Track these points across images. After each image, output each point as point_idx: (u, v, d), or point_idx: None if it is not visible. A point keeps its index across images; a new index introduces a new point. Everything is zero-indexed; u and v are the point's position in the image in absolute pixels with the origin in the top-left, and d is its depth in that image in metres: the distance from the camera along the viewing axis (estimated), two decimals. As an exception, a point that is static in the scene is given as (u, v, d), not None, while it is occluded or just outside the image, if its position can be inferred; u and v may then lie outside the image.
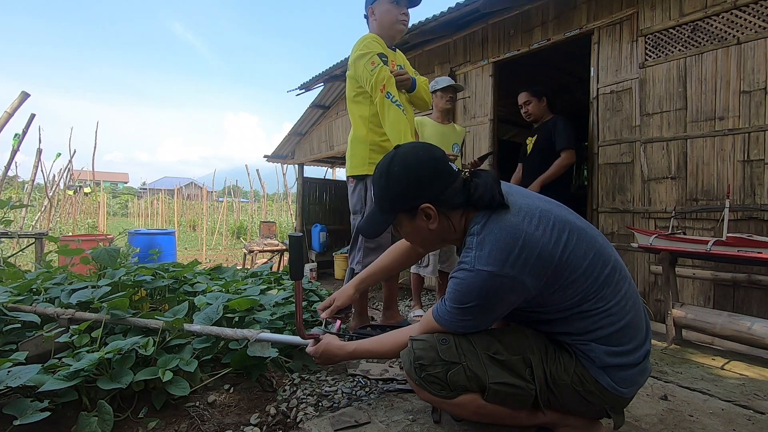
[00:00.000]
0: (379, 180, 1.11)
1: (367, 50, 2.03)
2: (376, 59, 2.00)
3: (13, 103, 4.51)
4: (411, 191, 1.06)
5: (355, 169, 2.15)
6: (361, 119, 2.13)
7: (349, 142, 2.21)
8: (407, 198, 1.07)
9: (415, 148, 1.11)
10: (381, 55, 2.02)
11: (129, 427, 1.26)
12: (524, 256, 0.97)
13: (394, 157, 1.09)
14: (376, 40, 2.08)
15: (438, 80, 3.06)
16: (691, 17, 2.55)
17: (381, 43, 2.10)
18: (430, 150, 1.11)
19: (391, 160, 1.09)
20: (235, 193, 16.49)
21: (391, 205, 1.11)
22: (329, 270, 6.49)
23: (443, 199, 1.06)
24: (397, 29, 2.15)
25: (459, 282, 1.01)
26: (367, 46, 2.04)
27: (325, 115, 6.57)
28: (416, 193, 1.06)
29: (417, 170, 1.06)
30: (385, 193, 1.11)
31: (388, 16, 2.12)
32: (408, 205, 1.08)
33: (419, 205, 1.06)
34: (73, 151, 10.55)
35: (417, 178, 1.06)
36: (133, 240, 4.90)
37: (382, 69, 1.98)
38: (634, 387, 1.08)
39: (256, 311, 1.85)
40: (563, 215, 1.06)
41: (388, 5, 2.11)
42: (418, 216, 1.08)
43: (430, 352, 1.05)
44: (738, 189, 2.39)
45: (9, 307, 1.69)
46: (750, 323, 1.97)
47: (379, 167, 1.12)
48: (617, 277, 1.05)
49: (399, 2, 2.12)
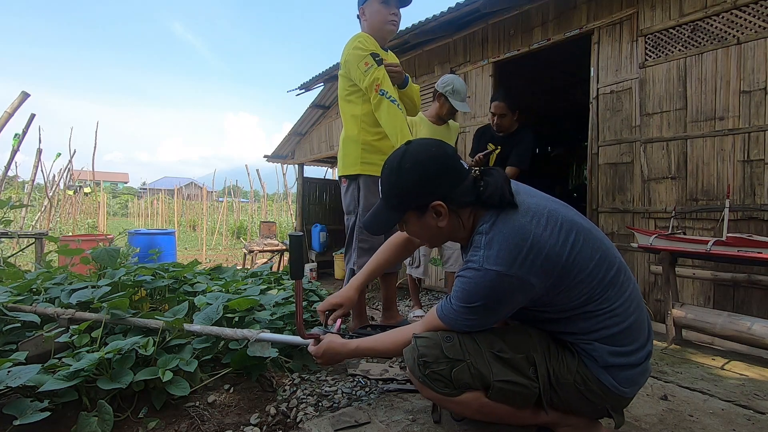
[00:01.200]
0: (389, 176, 1.09)
1: (359, 50, 2.01)
2: (369, 59, 1.99)
3: (13, 103, 4.51)
4: (422, 188, 1.05)
5: (348, 169, 2.15)
6: (353, 118, 2.13)
7: (341, 142, 2.20)
8: (418, 195, 1.06)
9: (427, 145, 1.09)
10: (374, 54, 2.00)
11: (129, 427, 1.26)
12: (532, 256, 0.97)
13: (405, 154, 1.07)
14: (368, 39, 2.06)
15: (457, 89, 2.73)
16: (691, 17, 2.55)
17: (373, 42, 2.08)
18: (441, 146, 1.09)
19: (402, 156, 1.07)
20: (235, 193, 16.49)
21: (400, 201, 1.09)
22: (329, 270, 6.49)
23: (454, 197, 1.05)
24: (387, 30, 2.14)
25: (467, 281, 1.01)
26: (360, 45, 2.02)
27: (325, 115, 6.57)
28: (428, 191, 1.05)
29: (429, 167, 1.04)
30: (394, 190, 1.09)
31: (378, 17, 2.11)
32: (418, 203, 1.07)
33: (430, 203, 1.05)
34: (73, 151, 10.56)
35: (429, 175, 1.04)
36: (133, 240, 4.90)
37: (376, 69, 1.97)
38: (635, 387, 1.09)
39: (256, 311, 1.85)
40: (570, 216, 1.06)
41: (378, 6, 2.10)
42: (427, 213, 1.07)
43: (434, 350, 1.05)
44: (738, 189, 2.39)
45: (9, 307, 1.69)
46: (750, 323, 1.97)
47: (388, 163, 1.11)
48: (622, 278, 1.05)
49: (389, 2, 2.11)
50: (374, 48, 2.05)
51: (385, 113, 1.96)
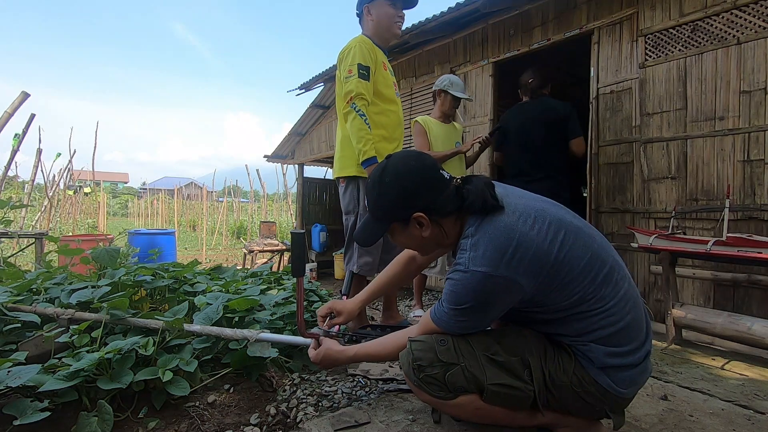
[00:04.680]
0: (371, 191, 1.12)
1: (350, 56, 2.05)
2: (354, 69, 2.02)
3: (13, 103, 4.52)
4: (403, 201, 1.07)
5: (345, 170, 2.16)
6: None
7: (339, 143, 2.21)
8: (399, 208, 1.08)
9: (406, 158, 1.11)
10: (361, 66, 2.02)
11: (129, 427, 1.26)
12: (518, 256, 0.97)
13: (385, 168, 1.10)
14: (364, 45, 2.07)
15: (453, 82, 2.85)
16: (691, 17, 2.55)
17: (370, 48, 2.09)
18: (420, 159, 1.11)
19: (383, 171, 1.10)
20: (235, 193, 16.48)
21: (384, 214, 1.12)
22: (329, 270, 6.49)
23: (435, 207, 1.07)
24: (393, 32, 2.18)
25: (454, 283, 1.02)
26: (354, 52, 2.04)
27: (325, 115, 6.57)
28: (408, 204, 1.07)
29: (408, 180, 1.06)
30: (377, 203, 1.12)
31: (386, 18, 2.13)
32: (401, 215, 1.09)
33: (412, 215, 1.07)
34: (73, 151, 10.56)
35: (408, 188, 1.06)
36: (133, 240, 4.90)
37: (355, 81, 2.00)
38: (635, 387, 1.08)
39: (256, 311, 1.85)
40: (560, 215, 1.06)
41: (386, 6, 2.11)
42: (411, 224, 1.09)
43: (428, 353, 1.05)
44: (738, 189, 2.39)
45: (9, 307, 1.69)
46: (750, 323, 1.97)
47: (371, 177, 1.14)
48: (616, 276, 1.05)
49: (396, 4, 2.13)
50: (367, 54, 2.05)
51: (350, 125, 2.02)
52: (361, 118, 1.99)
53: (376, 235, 1.15)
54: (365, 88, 2.02)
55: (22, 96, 4.53)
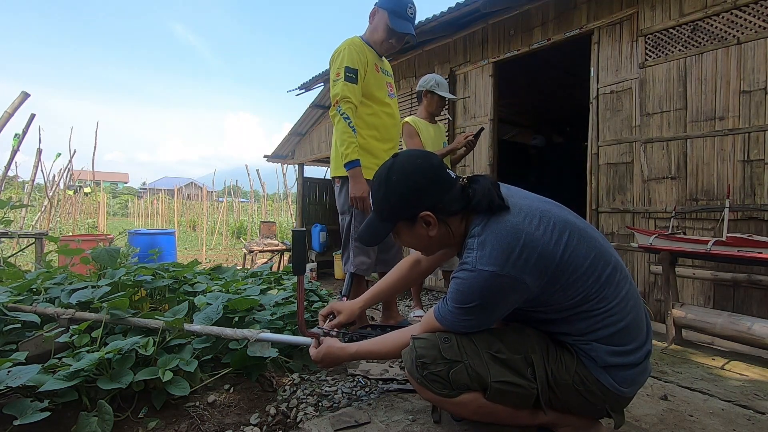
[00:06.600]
0: (377, 189, 1.12)
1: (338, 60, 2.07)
2: (341, 72, 2.04)
3: (13, 103, 4.52)
4: (410, 200, 1.07)
5: (341, 170, 2.15)
6: None
7: (334, 143, 2.21)
8: (406, 207, 1.08)
9: (413, 157, 1.11)
10: (348, 69, 2.04)
11: (129, 427, 1.26)
12: (525, 255, 0.97)
13: (392, 166, 1.09)
14: (353, 48, 2.08)
15: (439, 82, 2.84)
16: (691, 17, 2.55)
17: (360, 50, 2.10)
18: (428, 157, 1.11)
19: (389, 169, 1.09)
20: (235, 193, 16.48)
21: (390, 213, 1.11)
22: (329, 270, 6.49)
23: (442, 206, 1.07)
24: (384, 47, 2.19)
25: (461, 282, 1.02)
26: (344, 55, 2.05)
27: (324, 115, 6.57)
28: (415, 202, 1.07)
29: (415, 179, 1.06)
30: (384, 202, 1.11)
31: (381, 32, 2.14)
32: (407, 214, 1.08)
33: (419, 213, 1.07)
34: (73, 151, 10.55)
35: (415, 186, 1.06)
36: (133, 240, 4.90)
37: (341, 85, 2.02)
38: (635, 386, 1.09)
39: (256, 311, 1.85)
40: (564, 216, 1.06)
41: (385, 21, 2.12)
42: (417, 223, 1.09)
43: (432, 351, 1.05)
44: (738, 189, 2.39)
45: (9, 307, 1.69)
46: (750, 323, 1.97)
47: (377, 175, 1.13)
48: (618, 277, 1.05)
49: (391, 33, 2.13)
50: (356, 57, 2.07)
51: (334, 128, 2.07)
52: (345, 121, 2.01)
53: (381, 235, 1.15)
54: (351, 92, 2.03)
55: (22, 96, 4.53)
